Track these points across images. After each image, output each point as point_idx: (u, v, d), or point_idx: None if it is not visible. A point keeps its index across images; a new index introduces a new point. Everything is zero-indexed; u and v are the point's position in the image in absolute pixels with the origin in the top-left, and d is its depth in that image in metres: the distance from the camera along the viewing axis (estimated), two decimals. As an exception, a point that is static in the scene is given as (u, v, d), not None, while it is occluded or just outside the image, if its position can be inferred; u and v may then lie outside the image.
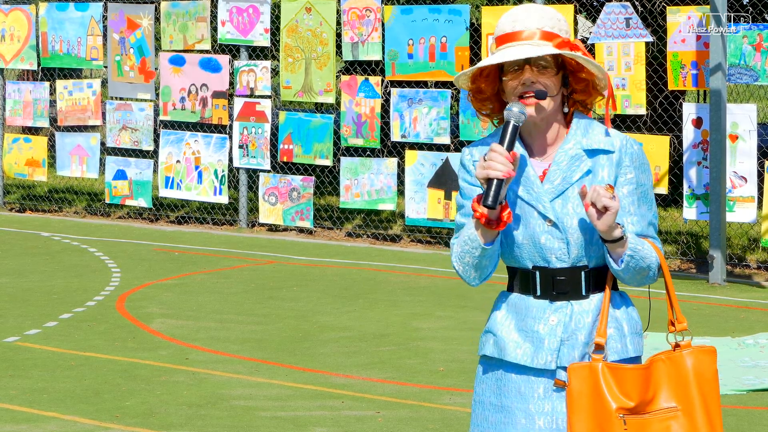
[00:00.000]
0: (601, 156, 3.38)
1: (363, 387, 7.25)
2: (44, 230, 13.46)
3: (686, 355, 3.35)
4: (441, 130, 12.24)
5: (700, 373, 3.34)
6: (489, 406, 3.46)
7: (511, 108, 3.30)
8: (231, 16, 13.37)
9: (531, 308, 3.39)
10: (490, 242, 3.34)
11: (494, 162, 3.24)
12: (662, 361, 3.34)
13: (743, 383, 7.34)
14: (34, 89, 14.68)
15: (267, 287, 10.29)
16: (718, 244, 10.58)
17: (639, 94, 11.23)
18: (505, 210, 3.30)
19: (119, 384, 7.27)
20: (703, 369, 3.34)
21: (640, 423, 3.29)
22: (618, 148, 3.38)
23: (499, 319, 3.44)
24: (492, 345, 3.44)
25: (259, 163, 13.29)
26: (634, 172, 3.38)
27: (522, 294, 3.42)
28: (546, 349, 3.36)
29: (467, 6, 12.23)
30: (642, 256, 3.31)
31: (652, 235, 3.40)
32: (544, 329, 3.36)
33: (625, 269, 3.32)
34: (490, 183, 3.24)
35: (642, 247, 3.32)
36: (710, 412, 3.31)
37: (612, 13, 11.35)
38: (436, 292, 10.07)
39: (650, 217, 3.41)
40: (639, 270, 3.33)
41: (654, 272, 3.36)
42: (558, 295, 3.38)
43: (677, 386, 3.32)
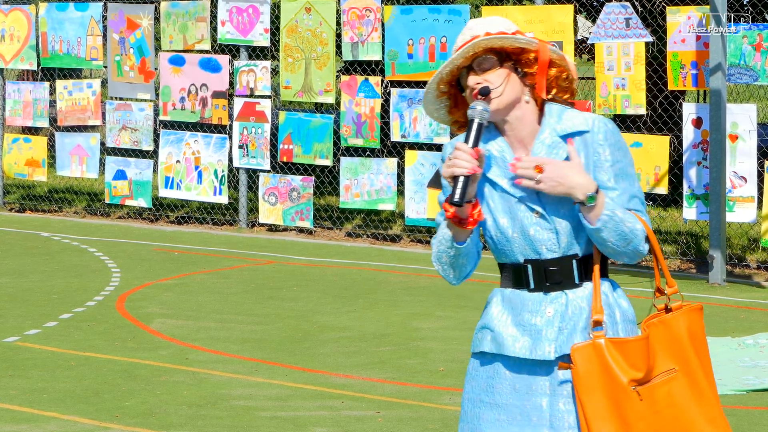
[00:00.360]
0: (576, 138, 3.41)
1: (363, 387, 7.25)
2: (44, 230, 13.46)
3: (679, 316, 3.42)
4: (441, 130, 12.24)
5: (693, 332, 3.43)
6: (481, 403, 3.47)
7: (475, 107, 3.35)
8: (231, 16, 13.37)
9: (526, 302, 3.42)
10: (463, 241, 3.38)
11: (459, 160, 3.29)
12: (655, 325, 3.39)
13: (743, 383, 7.34)
14: (34, 89, 14.68)
15: (267, 287, 10.29)
16: (718, 244, 10.59)
17: (639, 94, 11.23)
18: (475, 208, 3.34)
19: (119, 384, 7.27)
20: (695, 328, 3.44)
21: (650, 391, 3.34)
22: (590, 128, 3.41)
23: (495, 314, 3.46)
24: (489, 341, 3.45)
25: (258, 163, 13.30)
26: (608, 149, 3.40)
27: (516, 289, 3.44)
28: (545, 340, 3.37)
29: (467, 6, 12.24)
30: (622, 219, 3.34)
31: (636, 209, 3.42)
32: (542, 321, 3.39)
33: (601, 229, 3.33)
34: (456, 180, 3.27)
35: (622, 213, 3.35)
36: (706, 368, 3.42)
37: (612, 13, 11.35)
38: (436, 292, 10.07)
39: (633, 191, 3.42)
40: (621, 235, 3.34)
41: (639, 242, 3.37)
42: (552, 286, 3.40)
43: (673, 348, 3.39)
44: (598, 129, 3.40)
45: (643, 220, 3.39)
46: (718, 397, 3.44)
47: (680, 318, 3.41)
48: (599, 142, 3.40)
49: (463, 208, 3.32)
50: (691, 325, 3.42)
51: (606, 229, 3.32)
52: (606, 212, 3.31)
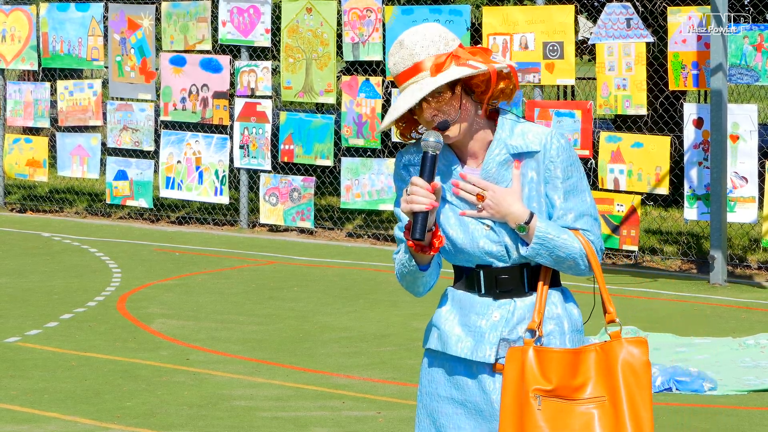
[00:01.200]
0: (528, 159, 3.42)
1: (364, 387, 7.25)
2: (45, 230, 13.46)
3: (616, 345, 3.36)
4: (442, 131, 12.24)
5: (629, 364, 3.34)
6: (438, 397, 3.53)
7: (427, 139, 3.34)
8: (232, 17, 13.38)
9: (475, 305, 3.47)
10: (426, 265, 3.43)
11: (416, 196, 3.30)
12: (595, 350, 3.37)
13: (744, 384, 7.34)
14: (35, 90, 14.68)
15: (268, 288, 10.29)
16: (718, 245, 10.58)
17: (640, 95, 11.23)
18: (436, 235, 3.37)
19: (120, 384, 7.27)
20: (631, 360, 3.35)
21: (559, 407, 3.32)
22: (542, 145, 3.40)
23: (444, 314, 3.52)
24: (436, 339, 3.53)
25: (259, 163, 13.30)
26: (560, 167, 3.40)
27: (467, 291, 3.50)
28: (486, 342, 3.42)
29: (468, 6, 12.24)
30: (557, 245, 3.36)
31: (583, 228, 3.42)
32: (486, 324, 3.44)
33: (534, 254, 3.37)
34: (416, 216, 3.30)
35: (558, 236, 3.36)
36: (635, 404, 3.32)
37: (613, 13, 11.35)
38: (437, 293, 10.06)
39: (583, 208, 3.43)
40: (557, 259, 3.37)
41: (578, 263, 3.39)
42: (501, 293, 3.44)
43: (606, 376, 3.35)
44: (550, 146, 3.40)
45: (587, 240, 3.40)
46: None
47: (616, 348, 3.36)
48: (551, 159, 3.40)
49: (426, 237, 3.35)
50: (630, 358, 3.35)
51: (540, 256, 3.37)
52: (537, 241, 3.34)
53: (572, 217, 3.41)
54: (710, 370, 7.54)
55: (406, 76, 3.37)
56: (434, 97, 3.35)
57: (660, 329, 8.72)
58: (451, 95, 3.35)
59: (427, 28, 3.39)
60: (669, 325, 8.86)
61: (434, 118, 3.36)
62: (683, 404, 6.93)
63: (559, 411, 3.32)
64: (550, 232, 3.36)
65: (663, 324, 8.92)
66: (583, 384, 3.34)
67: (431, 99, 3.35)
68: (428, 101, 3.35)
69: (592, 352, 3.36)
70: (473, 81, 3.37)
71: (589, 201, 3.44)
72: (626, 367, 3.34)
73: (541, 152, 3.40)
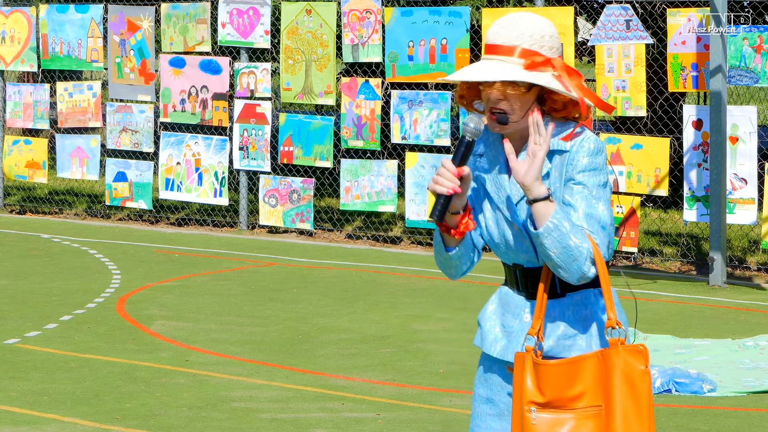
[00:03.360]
0: (556, 156, 3.39)
1: (363, 389, 7.25)
2: (44, 232, 13.46)
3: (614, 354, 3.30)
4: (441, 132, 12.25)
5: (626, 373, 3.28)
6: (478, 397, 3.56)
7: (468, 123, 3.34)
8: (231, 18, 13.38)
9: (511, 305, 3.49)
10: (453, 247, 3.43)
11: (441, 177, 3.31)
12: (597, 357, 3.32)
13: (743, 385, 7.34)
14: (35, 91, 14.68)
15: (267, 289, 10.29)
16: (718, 246, 10.58)
17: (639, 96, 11.23)
18: (463, 218, 3.37)
19: (119, 386, 7.27)
20: (629, 369, 3.28)
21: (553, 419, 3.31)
22: (571, 147, 3.37)
23: (488, 312, 3.55)
24: (479, 336, 3.56)
25: (259, 164, 13.30)
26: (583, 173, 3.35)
27: (510, 288, 3.52)
28: (516, 344, 3.43)
29: (467, 8, 12.24)
30: (568, 233, 3.26)
31: (593, 231, 3.33)
32: (518, 325, 3.45)
33: (544, 236, 3.26)
34: (438, 198, 3.32)
35: (571, 226, 3.27)
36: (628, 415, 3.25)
37: (612, 15, 11.36)
38: (437, 294, 10.07)
39: (597, 213, 3.34)
40: (564, 249, 3.26)
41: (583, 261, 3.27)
42: (532, 294, 3.44)
43: (604, 385, 3.30)
44: (579, 148, 3.36)
45: (595, 243, 3.30)
46: None
47: (616, 356, 3.29)
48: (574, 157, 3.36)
49: (452, 219, 3.37)
50: (627, 368, 3.28)
51: (550, 237, 3.26)
52: (553, 220, 3.25)
53: (578, 217, 3.33)
54: (709, 371, 7.54)
55: (500, 50, 3.35)
56: (512, 86, 3.33)
57: (659, 331, 8.72)
58: (524, 93, 3.34)
59: (546, 24, 3.38)
60: (668, 327, 8.86)
61: (499, 103, 3.35)
62: (682, 406, 6.94)
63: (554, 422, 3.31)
64: (565, 221, 3.27)
65: (662, 325, 8.92)
66: (582, 393, 3.31)
67: (508, 84, 3.32)
68: (503, 84, 3.33)
69: (593, 359, 3.32)
70: (552, 96, 3.35)
71: (602, 209, 3.34)
72: (622, 377, 3.27)
73: (570, 154, 3.37)
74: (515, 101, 3.34)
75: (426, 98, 12.33)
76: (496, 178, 3.44)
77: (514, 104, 3.34)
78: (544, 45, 3.35)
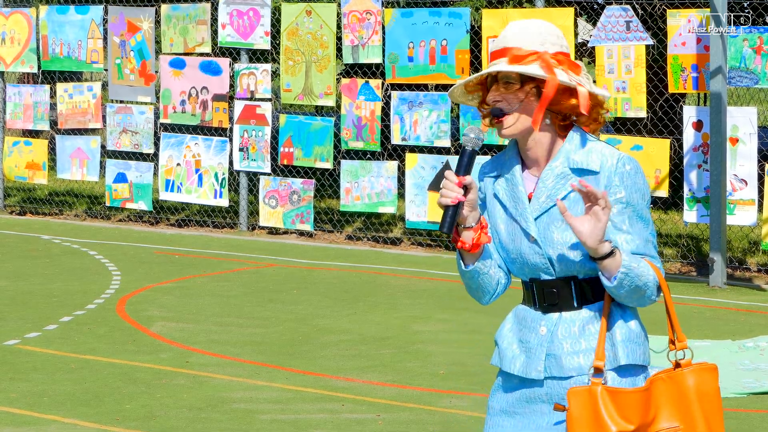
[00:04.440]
0: (588, 177, 3.37)
1: (363, 390, 7.25)
2: (44, 233, 13.46)
3: (687, 373, 3.32)
4: (441, 133, 12.25)
5: (702, 392, 3.31)
6: (500, 412, 3.51)
7: (468, 134, 3.37)
8: (231, 19, 13.38)
9: (528, 319, 3.46)
10: (470, 264, 3.43)
11: (445, 189, 3.32)
12: (662, 380, 3.32)
13: (743, 386, 7.34)
14: (35, 92, 14.68)
15: (267, 290, 10.29)
16: (718, 247, 10.58)
17: (639, 97, 11.23)
18: (477, 232, 3.36)
19: (119, 387, 7.27)
20: (705, 387, 3.31)
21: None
22: (605, 169, 3.36)
23: (505, 331, 3.52)
24: (497, 355, 3.54)
25: (259, 166, 13.30)
26: (624, 192, 3.35)
27: (526, 306, 3.49)
28: (536, 359, 3.40)
29: (467, 9, 12.24)
30: (637, 273, 3.28)
31: (650, 255, 3.37)
32: (535, 339, 3.42)
33: (618, 286, 3.28)
34: (446, 209, 3.32)
35: (638, 265, 3.29)
36: (713, 430, 3.30)
37: (612, 16, 11.36)
38: (437, 295, 10.07)
39: (647, 235, 3.37)
40: (635, 289, 3.29)
41: (652, 292, 3.33)
42: (549, 307, 3.42)
43: (679, 405, 3.30)
44: (615, 171, 3.35)
45: (656, 267, 3.34)
46: None
47: (689, 376, 3.32)
48: (615, 183, 3.35)
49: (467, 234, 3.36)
50: (701, 385, 3.31)
51: (623, 286, 3.28)
52: (622, 270, 3.26)
53: (637, 245, 3.34)
54: (710, 372, 7.53)
55: (495, 56, 3.42)
56: (504, 85, 3.38)
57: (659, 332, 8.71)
58: (519, 88, 3.37)
59: (535, 24, 3.43)
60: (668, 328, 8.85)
61: (494, 103, 3.40)
62: (683, 407, 6.93)
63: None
64: (632, 263, 3.28)
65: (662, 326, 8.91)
66: (656, 416, 3.29)
67: (501, 85, 3.38)
68: (497, 86, 3.39)
69: (659, 382, 3.31)
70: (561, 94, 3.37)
71: (650, 229, 3.38)
72: (701, 395, 3.30)
73: (601, 174, 3.35)
74: (511, 98, 3.38)
75: (426, 99, 12.33)
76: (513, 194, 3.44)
77: (511, 101, 3.38)
78: (534, 41, 3.39)
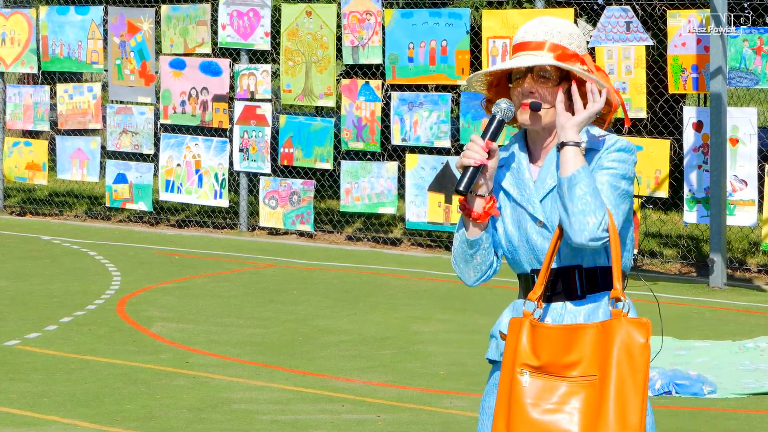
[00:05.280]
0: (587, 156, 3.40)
1: (363, 390, 7.25)
2: (44, 234, 13.46)
3: (616, 324, 3.24)
4: (441, 134, 12.25)
5: (626, 345, 3.22)
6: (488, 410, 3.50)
7: (500, 104, 3.39)
8: (231, 20, 13.38)
9: None
10: (475, 236, 3.41)
11: (469, 150, 3.34)
12: (596, 328, 3.27)
13: (743, 386, 7.34)
14: (35, 93, 14.68)
15: (267, 291, 10.29)
16: (718, 248, 10.58)
17: (639, 98, 11.23)
18: (488, 202, 3.38)
19: (119, 387, 7.27)
20: (629, 341, 3.22)
21: (545, 384, 3.25)
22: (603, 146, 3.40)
23: (503, 323, 3.50)
24: (494, 348, 3.50)
25: (259, 166, 13.30)
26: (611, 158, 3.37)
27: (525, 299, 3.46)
28: None
29: (467, 9, 12.24)
30: (591, 191, 3.26)
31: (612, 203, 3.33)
32: None
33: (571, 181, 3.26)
34: (465, 170, 3.34)
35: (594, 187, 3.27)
36: (623, 386, 3.19)
37: (612, 16, 11.36)
38: (437, 296, 10.07)
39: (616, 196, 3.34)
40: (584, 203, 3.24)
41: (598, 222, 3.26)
42: (553, 296, 3.40)
43: (601, 356, 3.23)
44: (612, 145, 3.40)
45: (611, 214, 3.31)
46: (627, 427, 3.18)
47: (616, 327, 3.24)
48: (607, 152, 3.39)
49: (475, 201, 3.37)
50: (627, 339, 3.22)
51: (574, 187, 3.26)
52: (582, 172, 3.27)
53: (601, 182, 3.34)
54: (710, 373, 7.54)
55: (528, 47, 3.41)
56: (540, 78, 3.38)
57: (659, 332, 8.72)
58: (554, 86, 3.38)
59: (571, 24, 3.46)
60: (668, 328, 8.86)
61: (531, 95, 3.39)
62: (682, 407, 6.93)
63: (545, 388, 3.24)
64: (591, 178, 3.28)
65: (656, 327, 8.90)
66: (577, 361, 3.24)
67: (538, 77, 3.38)
68: (533, 77, 3.39)
69: (592, 329, 3.26)
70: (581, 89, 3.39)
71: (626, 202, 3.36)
72: (622, 348, 3.21)
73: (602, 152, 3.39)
74: (545, 94, 3.38)
75: (426, 100, 12.33)
76: (519, 180, 3.44)
77: (545, 95, 3.38)
78: (573, 42, 3.42)
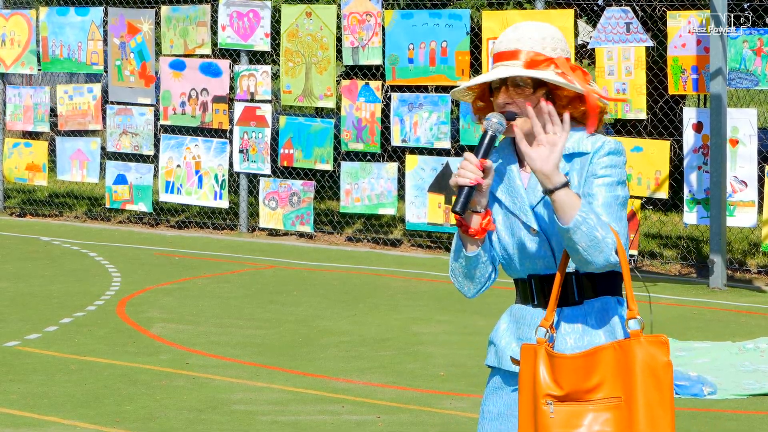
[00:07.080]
0: (576, 159, 3.39)
1: (363, 391, 7.25)
2: (44, 235, 13.46)
3: (635, 345, 3.26)
4: (441, 135, 12.24)
5: (648, 365, 3.24)
6: (497, 416, 3.50)
7: (490, 119, 3.37)
8: (231, 21, 13.38)
9: (526, 317, 3.44)
10: (472, 252, 3.40)
11: (464, 170, 3.32)
12: (613, 348, 3.27)
13: (744, 388, 7.34)
14: (35, 94, 14.68)
15: (267, 292, 10.29)
16: (718, 249, 10.58)
17: (639, 99, 11.23)
18: (484, 218, 3.37)
19: (119, 388, 7.27)
20: (651, 361, 3.24)
21: (572, 411, 3.25)
22: (592, 149, 3.39)
23: (502, 329, 3.50)
24: (493, 355, 3.51)
25: (259, 167, 13.30)
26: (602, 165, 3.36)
27: (523, 304, 3.47)
28: None
29: (467, 10, 12.24)
30: (595, 225, 3.24)
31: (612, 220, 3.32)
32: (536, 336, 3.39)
33: (573, 230, 3.23)
34: (461, 190, 3.31)
35: (596, 218, 3.25)
36: (652, 405, 3.22)
37: (612, 17, 11.36)
38: (437, 297, 10.07)
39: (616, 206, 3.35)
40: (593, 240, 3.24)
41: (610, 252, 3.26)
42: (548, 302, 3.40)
43: (624, 376, 3.25)
44: (601, 148, 3.38)
45: (616, 232, 3.30)
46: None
47: (637, 347, 3.26)
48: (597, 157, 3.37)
49: (472, 218, 3.36)
50: (649, 359, 3.24)
51: (579, 232, 3.24)
52: (581, 214, 3.24)
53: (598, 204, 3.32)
54: (710, 374, 7.54)
55: (503, 57, 3.42)
56: (515, 88, 3.38)
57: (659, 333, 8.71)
58: (532, 93, 3.37)
59: (545, 26, 3.44)
60: (668, 330, 8.86)
61: (506, 107, 3.38)
62: (683, 408, 6.93)
63: (573, 415, 3.25)
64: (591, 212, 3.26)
65: (662, 328, 8.92)
66: (599, 384, 3.25)
67: (512, 88, 3.38)
68: (508, 88, 3.38)
69: (609, 350, 3.27)
70: (559, 92, 3.38)
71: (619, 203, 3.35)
72: (645, 369, 3.23)
73: (590, 154, 3.38)
74: (522, 102, 3.37)
75: (426, 101, 12.33)
76: (510, 188, 3.43)
77: (522, 105, 3.37)
78: (546, 46, 3.40)
